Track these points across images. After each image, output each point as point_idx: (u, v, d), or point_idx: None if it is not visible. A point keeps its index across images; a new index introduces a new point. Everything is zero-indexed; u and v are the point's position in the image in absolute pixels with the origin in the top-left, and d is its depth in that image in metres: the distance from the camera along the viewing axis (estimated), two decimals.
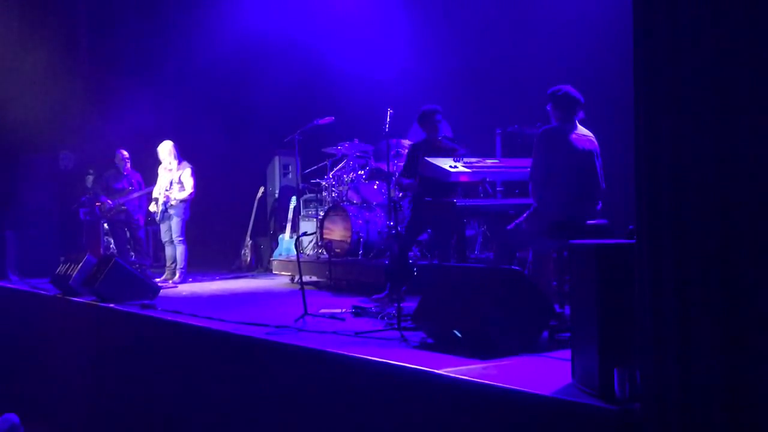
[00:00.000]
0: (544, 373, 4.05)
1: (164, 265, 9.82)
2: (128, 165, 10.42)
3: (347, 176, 9.34)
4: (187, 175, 9.56)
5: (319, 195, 10.21)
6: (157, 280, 9.02)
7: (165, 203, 9.53)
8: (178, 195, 9.50)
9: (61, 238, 11.10)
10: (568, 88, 5.48)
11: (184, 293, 8.62)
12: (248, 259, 11.21)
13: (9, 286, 9.81)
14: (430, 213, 6.79)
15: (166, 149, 9.66)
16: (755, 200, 2.76)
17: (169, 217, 9.56)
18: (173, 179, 9.58)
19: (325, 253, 9.10)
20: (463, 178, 6.34)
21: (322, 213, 9.43)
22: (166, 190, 9.56)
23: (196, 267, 10.35)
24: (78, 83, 12.58)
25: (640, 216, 3.09)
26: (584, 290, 3.63)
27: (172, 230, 9.56)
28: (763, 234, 2.74)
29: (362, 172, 9.21)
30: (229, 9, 11.95)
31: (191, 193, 9.54)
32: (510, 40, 9.36)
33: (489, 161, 6.64)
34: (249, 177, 12.16)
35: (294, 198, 10.52)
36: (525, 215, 5.50)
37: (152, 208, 9.74)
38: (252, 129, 12.24)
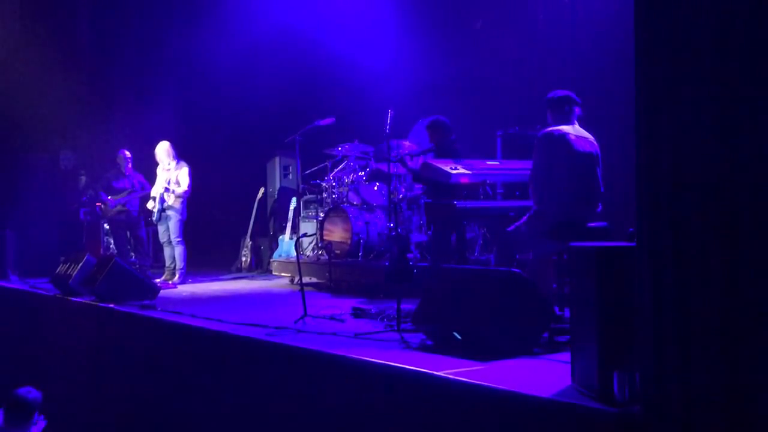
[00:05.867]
0: (543, 375, 4.05)
1: (164, 266, 9.82)
2: (130, 165, 10.43)
3: (347, 177, 9.34)
4: (183, 174, 9.56)
5: (319, 196, 10.21)
6: (157, 280, 9.01)
7: (161, 202, 9.52)
8: (177, 189, 9.51)
9: (61, 238, 11.09)
10: (561, 90, 5.52)
11: (183, 294, 8.62)
12: (248, 260, 11.21)
13: (9, 286, 9.80)
14: (429, 214, 6.80)
15: (162, 150, 9.66)
16: (755, 201, 2.76)
17: (167, 218, 9.56)
18: (171, 179, 9.58)
19: (325, 254, 9.11)
20: (463, 180, 6.34)
21: (322, 214, 9.44)
22: (164, 191, 9.55)
23: (196, 268, 10.35)
24: (78, 83, 12.58)
25: (640, 218, 3.09)
26: (584, 292, 3.63)
27: (169, 231, 9.55)
28: (764, 235, 2.74)
29: (363, 173, 9.21)
30: (230, 9, 11.95)
31: (186, 191, 9.53)
32: (511, 42, 9.36)
33: (489, 163, 6.65)
34: (249, 178, 12.17)
35: (294, 199, 10.52)
36: (525, 217, 5.50)
37: (149, 205, 9.74)
38: (252, 129, 12.25)
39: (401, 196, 8.50)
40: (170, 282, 9.43)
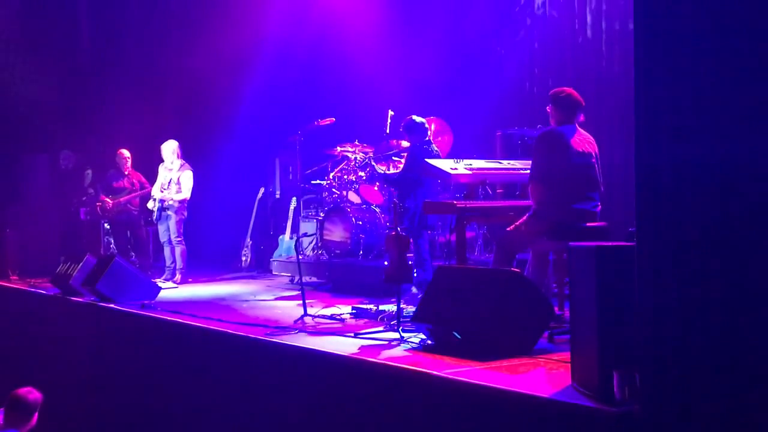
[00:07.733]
0: (543, 375, 4.05)
1: (164, 266, 9.80)
2: (129, 164, 10.42)
3: (348, 177, 9.34)
4: (186, 177, 9.51)
5: (319, 196, 10.20)
6: (157, 280, 9.00)
7: (162, 202, 9.50)
8: (175, 196, 9.46)
9: (61, 238, 11.09)
10: (571, 91, 5.50)
11: (184, 293, 8.62)
12: (248, 259, 11.20)
13: (9, 285, 9.80)
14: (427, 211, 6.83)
15: (170, 148, 9.59)
16: (755, 200, 2.77)
17: (167, 218, 9.52)
18: (172, 179, 9.54)
19: (325, 254, 9.10)
20: (463, 180, 6.34)
21: (322, 214, 9.43)
22: (164, 190, 9.52)
23: (196, 267, 10.34)
24: (78, 83, 12.57)
25: (640, 218, 3.09)
26: (584, 292, 3.64)
27: (170, 231, 9.52)
28: (763, 234, 2.74)
29: (363, 173, 9.21)
30: (229, 9, 11.94)
31: (187, 198, 9.50)
32: (510, 41, 9.36)
33: (489, 163, 6.64)
34: (249, 177, 12.15)
35: (294, 199, 10.52)
36: (525, 217, 5.50)
37: (150, 205, 9.73)
38: (253, 129, 12.24)
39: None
40: (171, 281, 9.41)
